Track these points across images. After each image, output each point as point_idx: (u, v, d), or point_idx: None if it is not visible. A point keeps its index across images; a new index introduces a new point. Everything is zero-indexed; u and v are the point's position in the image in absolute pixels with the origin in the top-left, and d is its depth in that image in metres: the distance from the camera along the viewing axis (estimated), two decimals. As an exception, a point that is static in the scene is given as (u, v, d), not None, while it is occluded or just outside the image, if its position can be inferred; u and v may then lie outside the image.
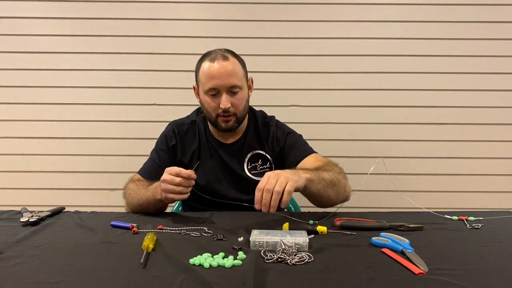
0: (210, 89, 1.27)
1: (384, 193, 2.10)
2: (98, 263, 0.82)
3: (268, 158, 1.39)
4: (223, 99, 1.26)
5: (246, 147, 1.39)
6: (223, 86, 1.26)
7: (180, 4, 2.11)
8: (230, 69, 1.26)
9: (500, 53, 2.13)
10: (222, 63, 1.25)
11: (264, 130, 1.41)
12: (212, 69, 1.25)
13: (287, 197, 0.98)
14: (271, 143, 1.40)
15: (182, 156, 1.39)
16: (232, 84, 1.26)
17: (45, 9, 2.10)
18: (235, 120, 1.31)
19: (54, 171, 2.18)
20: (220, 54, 1.27)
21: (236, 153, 1.38)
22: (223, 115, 1.29)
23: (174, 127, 1.42)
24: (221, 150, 1.38)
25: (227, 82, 1.25)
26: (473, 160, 2.18)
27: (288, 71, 2.14)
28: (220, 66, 1.25)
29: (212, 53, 1.30)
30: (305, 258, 0.83)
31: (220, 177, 1.36)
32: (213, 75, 1.25)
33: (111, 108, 2.15)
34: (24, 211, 1.16)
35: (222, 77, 1.25)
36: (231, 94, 1.28)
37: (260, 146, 1.39)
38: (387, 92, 2.16)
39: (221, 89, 1.26)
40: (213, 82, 1.25)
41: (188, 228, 1.04)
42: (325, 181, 1.14)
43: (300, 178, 1.05)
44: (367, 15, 2.12)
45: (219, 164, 1.38)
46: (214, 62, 1.26)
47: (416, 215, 1.19)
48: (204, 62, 1.29)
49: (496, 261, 0.84)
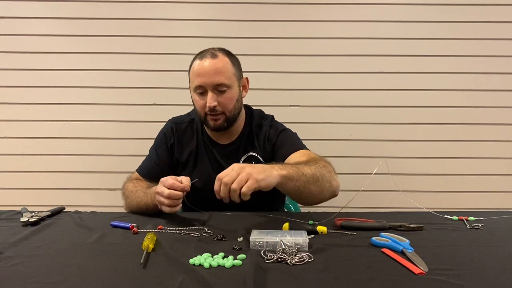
0: (197, 87, 1.26)
1: (384, 193, 2.09)
2: (98, 263, 0.82)
3: (260, 160, 1.36)
4: (209, 98, 1.25)
5: (241, 149, 1.37)
6: (209, 84, 1.24)
7: (180, 4, 2.11)
8: (217, 67, 1.24)
9: (500, 53, 2.13)
10: (210, 61, 1.24)
11: (257, 131, 1.39)
12: (199, 67, 1.25)
13: (244, 196, 0.95)
14: (263, 143, 1.37)
15: (179, 154, 1.38)
16: (218, 82, 1.24)
17: (45, 9, 2.10)
18: (224, 120, 1.29)
19: (54, 171, 2.18)
20: (210, 52, 1.27)
21: (230, 155, 1.36)
22: (211, 114, 1.27)
23: (173, 125, 1.41)
24: (215, 151, 1.37)
25: (212, 80, 1.24)
26: (473, 160, 2.18)
27: (288, 71, 2.14)
28: (207, 64, 1.24)
29: (204, 51, 1.30)
30: (305, 258, 0.83)
31: (214, 178, 1.35)
32: (199, 73, 1.25)
33: (111, 108, 2.15)
34: (24, 211, 1.16)
35: (208, 75, 1.23)
36: (218, 93, 1.26)
37: (253, 148, 1.38)
38: (387, 92, 2.16)
39: (207, 87, 1.25)
40: (199, 80, 1.25)
41: (188, 228, 1.04)
42: (305, 176, 1.07)
43: (269, 175, 0.99)
44: (367, 15, 2.12)
45: (213, 164, 1.37)
46: (202, 60, 1.25)
47: (416, 215, 1.20)
48: (194, 60, 1.29)
49: (496, 261, 0.84)
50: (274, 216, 1.17)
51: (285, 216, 1.17)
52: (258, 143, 1.37)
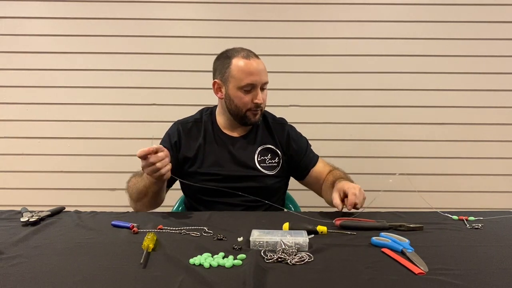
0: (247, 85, 1.32)
1: (383, 193, 2.09)
2: (98, 263, 0.82)
3: (278, 153, 1.43)
4: (260, 95, 1.33)
5: (258, 140, 1.43)
6: (260, 82, 1.33)
7: (180, 4, 2.11)
8: (264, 67, 1.35)
9: (500, 53, 2.13)
10: (257, 61, 1.34)
11: (277, 128, 1.47)
12: (250, 65, 1.32)
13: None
14: (286, 141, 1.44)
15: (187, 151, 1.40)
16: (266, 81, 1.35)
17: (45, 9, 2.10)
18: (261, 114, 1.39)
19: (54, 171, 2.18)
20: (251, 52, 1.35)
21: (246, 146, 1.42)
22: (255, 109, 1.35)
23: (178, 126, 1.44)
24: (230, 143, 1.41)
25: (263, 79, 1.34)
26: (473, 160, 2.18)
27: (288, 71, 2.14)
28: (257, 64, 1.33)
29: (240, 50, 1.35)
30: (305, 258, 0.83)
31: (228, 167, 1.39)
32: (251, 72, 1.31)
33: (111, 108, 2.15)
34: (24, 211, 1.16)
35: (259, 74, 1.32)
36: (261, 90, 1.35)
37: (273, 142, 1.44)
38: (387, 92, 2.16)
39: (258, 84, 1.33)
40: (251, 78, 1.31)
41: (188, 228, 1.04)
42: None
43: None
44: (368, 15, 2.12)
45: (227, 155, 1.40)
46: (249, 59, 1.32)
47: (415, 215, 1.20)
48: (236, 59, 1.33)
49: (496, 261, 0.84)
50: (274, 216, 1.17)
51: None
52: (279, 139, 1.45)
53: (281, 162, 1.42)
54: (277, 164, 1.42)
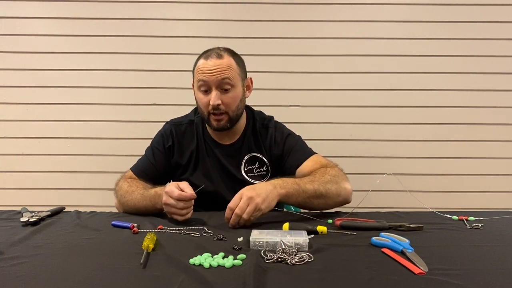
0: (201, 85, 1.27)
1: (384, 193, 2.09)
2: (98, 263, 0.82)
3: (265, 162, 1.38)
4: (213, 96, 1.25)
5: (244, 149, 1.38)
6: (213, 81, 1.25)
7: (179, 4, 2.11)
8: (222, 66, 1.25)
9: (500, 53, 2.13)
10: (215, 61, 1.26)
11: (263, 133, 1.40)
12: (205, 65, 1.26)
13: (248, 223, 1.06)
14: (269, 146, 1.38)
15: (180, 157, 1.38)
16: (222, 81, 1.25)
17: (45, 9, 2.10)
18: (227, 120, 1.30)
19: (54, 171, 2.18)
20: (216, 52, 1.28)
21: (233, 155, 1.37)
22: (214, 113, 1.28)
23: (172, 127, 1.41)
24: (217, 151, 1.38)
25: (217, 78, 1.25)
26: (473, 160, 2.18)
27: (288, 71, 2.14)
28: (213, 63, 1.25)
29: (209, 50, 1.30)
30: (305, 258, 0.83)
31: (217, 179, 1.36)
32: (204, 71, 1.25)
33: (111, 108, 2.15)
34: (24, 211, 1.16)
35: (213, 73, 1.25)
36: (222, 91, 1.27)
37: (258, 149, 1.39)
38: (387, 92, 2.16)
39: (211, 84, 1.26)
40: (204, 78, 1.26)
41: (188, 228, 1.04)
42: (306, 193, 1.15)
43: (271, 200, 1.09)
44: (368, 15, 2.12)
45: (216, 165, 1.37)
46: (207, 59, 1.26)
47: (415, 215, 1.20)
48: (199, 59, 1.30)
49: (496, 261, 0.84)
50: (274, 216, 1.17)
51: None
52: (264, 144, 1.38)
53: (269, 170, 1.37)
54: (266, 172, 1.37)
